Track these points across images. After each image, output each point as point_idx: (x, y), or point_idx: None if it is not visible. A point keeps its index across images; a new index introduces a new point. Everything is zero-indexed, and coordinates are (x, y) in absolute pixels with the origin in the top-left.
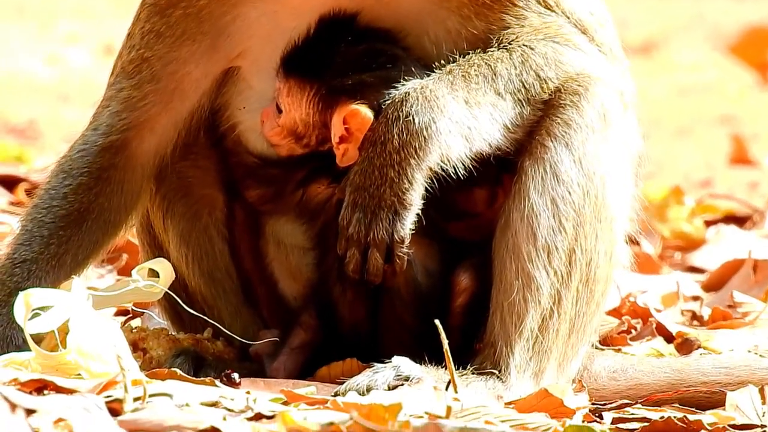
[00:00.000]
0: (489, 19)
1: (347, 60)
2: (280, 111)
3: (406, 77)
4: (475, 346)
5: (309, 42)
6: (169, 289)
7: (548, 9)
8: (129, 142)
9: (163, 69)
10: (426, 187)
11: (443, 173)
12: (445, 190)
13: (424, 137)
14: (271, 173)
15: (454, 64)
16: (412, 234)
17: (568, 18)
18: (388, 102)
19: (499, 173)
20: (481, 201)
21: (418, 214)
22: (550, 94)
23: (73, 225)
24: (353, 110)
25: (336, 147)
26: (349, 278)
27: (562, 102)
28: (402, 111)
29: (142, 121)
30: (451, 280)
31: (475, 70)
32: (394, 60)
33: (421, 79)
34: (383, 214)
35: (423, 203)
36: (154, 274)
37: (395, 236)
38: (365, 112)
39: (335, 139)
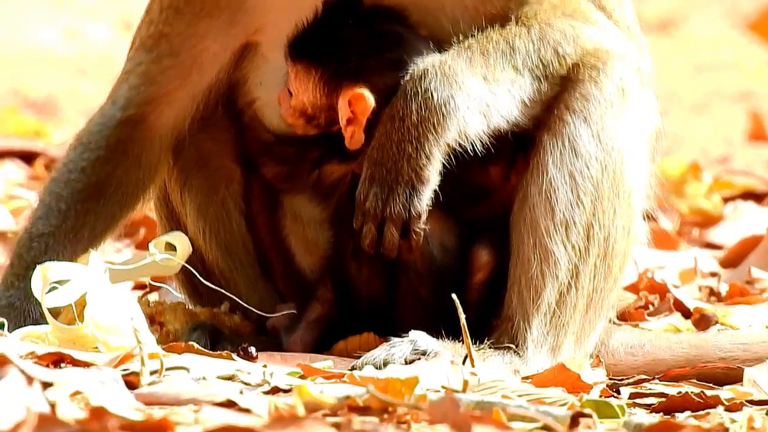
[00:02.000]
0: None
1: (351, 43)
2: (291, 93)
3: (410, 57)
4: (492, 321)
5: (314, 25)
6: (186, 262)
7: None
8: (147, 116)
9: (182, 44)
10: (443, 163)
11: (461, 149)
12: (460, 167)
13: (443, 113)
14: (286, 151)
15: (473, 39)
16: (429, 209)
17: None
18: (407, 77)
19: (514, 152)
20: (495, 178)
21: (434, 190)
22: (568, 70)
23: (90, 198)
24: (357, 94)
25: (344, 129)
26: (365, 254)
27: (580, 76)
28: (421, 87)
29: (161, 94)
30: (470, 256)
31: (493, 46)
32: (398, 41)
33: (428, 55)
34: (400, 189)
35: (439, 179)
36: (171, 247)
37: (412, 211)
38: (368, 96)
39: (343, 121)
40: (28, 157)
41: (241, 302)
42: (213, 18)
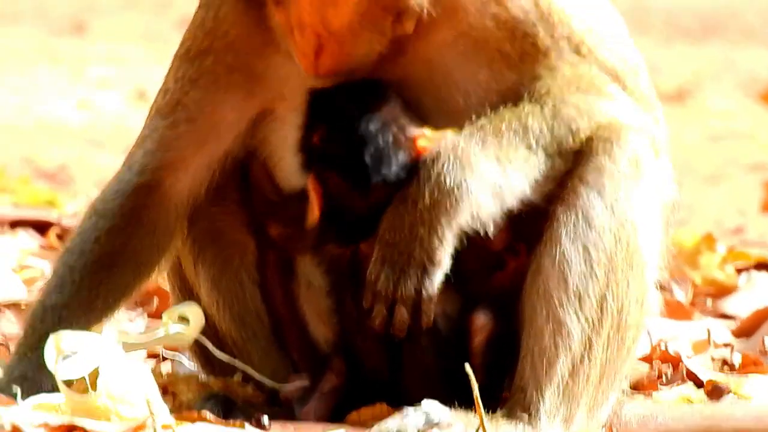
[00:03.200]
0: (520, 70)
1: (327, 138)
2: None
3: (367, 192)
4: (503, 393)
5: (329, 92)
6: (200, 333)
7: (581, 57)
8: (163, 182)
9: (199, 111)
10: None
11: (473, 232)
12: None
13: (456, 197)
14: (291, 212)
15: (485, 119)
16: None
17: (600, 66)
18: (421, 161)
19: (514, 241)
20: (488, 264)
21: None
22: (581, 144)
23: (104, 269)
24: (311, 195)
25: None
26: (369, 328)
27: (594, 149)
28: (434, 170)
29: (177, 160)
30: (468, 320)
31: (506, 126)
32: (371, 170)
33: (441, 139)
34: (412, 271)
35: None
36: (184, 319)
37: (423, 294)
38: (314, 205)
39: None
40: (41, 227)
41: (254, 373)
42: (229, 90)
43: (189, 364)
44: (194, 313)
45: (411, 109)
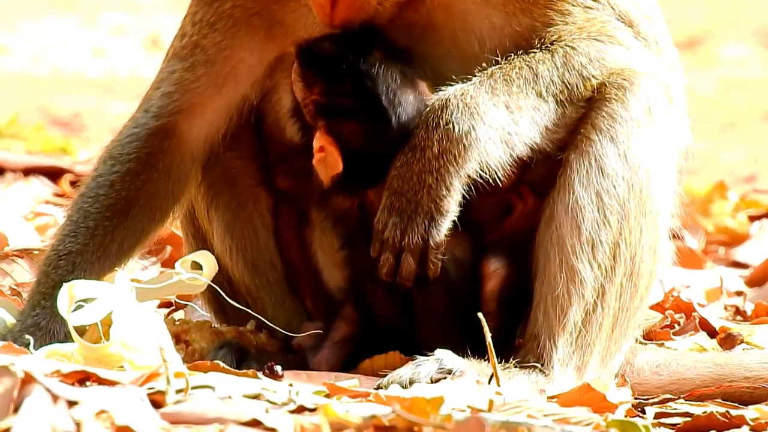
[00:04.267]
0: (533, 15)
1: (337, 88)
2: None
3: (387, 132)
4: (516, 341)
5: (325, 42)
6: (212, 281)
7: (594, 1)
8: (179, 126)
9: (217, 54)
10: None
11: (482, 180)
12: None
13: (464, 145)
14: (301, 165)
15: (496, 67)
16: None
17: (613, 10)
18: (429, 108)
19: (520, 184)
20: (495, 209)
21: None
22: (593, 92)
23: (119, 214)
24: (329, 148)
25: (315, 156)
26: (380, 278)
27: (607, 96)
28: (442, 118)
29: (194, 103)
30: (481, 266)
31: (516, 73)
32: (380, 107)
33: (451, 86)
34: (419, 219)
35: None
36: (197, 266)
37: (430, 242)
38: (337, 158)
39: (315, 146)
40: (54, 174)
41: (266, 322)
42: (249, 33)
43: (202, 312)
44: (207, 259)
45: (429, 57)
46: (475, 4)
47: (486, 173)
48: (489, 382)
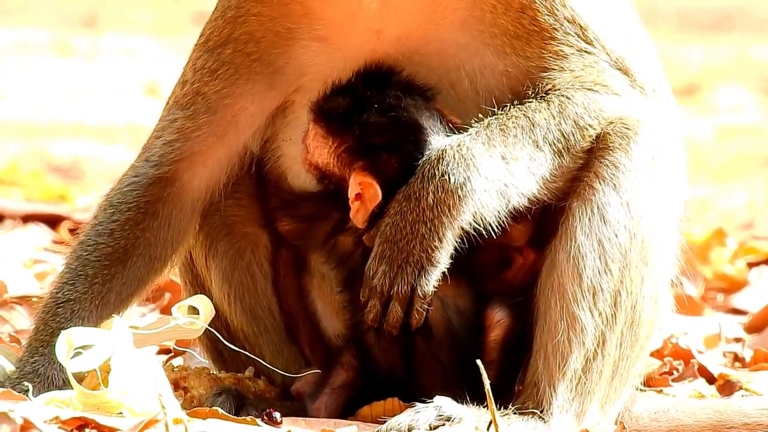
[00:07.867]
0: (527, 54)
1: (373, 127)
2: (308, 150)
3: (425, 144)
4: (515, 387)
5: (343, 94)
6: (211, 327)
7: (589, 44)
8: (180, 175)
9: (219, 102)
10: (462, 238)
11: (475, 232)
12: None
13: (459, 196)
14: (305, 211)
15: (492, 117)
16: (445, 276)
17: (609, 56)
18: (425, 159)
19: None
20: (493, 263)
21: (450, 257)
22: (591, 142)
23: (118, 262)
24: (368, 183)
25: (351, 203)
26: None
27: (610, 144)
28: (438, 169)
29: (195, 152)
30: (483, 315)
31: (513, 122)
32: (418, 133)
33: (447, 137)
34: (409, 269)
35: (457, 252)
36: (195, 311)
37: (418, 292)
38: (377, 189)
39: (351, 196)
40: (52, 221)
41: (266, 365)
42: (250, 81)
43: (201, 358)
44: (204, 303)
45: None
46: (467, 41)
47: (481, 225)
48: (488, 429)
